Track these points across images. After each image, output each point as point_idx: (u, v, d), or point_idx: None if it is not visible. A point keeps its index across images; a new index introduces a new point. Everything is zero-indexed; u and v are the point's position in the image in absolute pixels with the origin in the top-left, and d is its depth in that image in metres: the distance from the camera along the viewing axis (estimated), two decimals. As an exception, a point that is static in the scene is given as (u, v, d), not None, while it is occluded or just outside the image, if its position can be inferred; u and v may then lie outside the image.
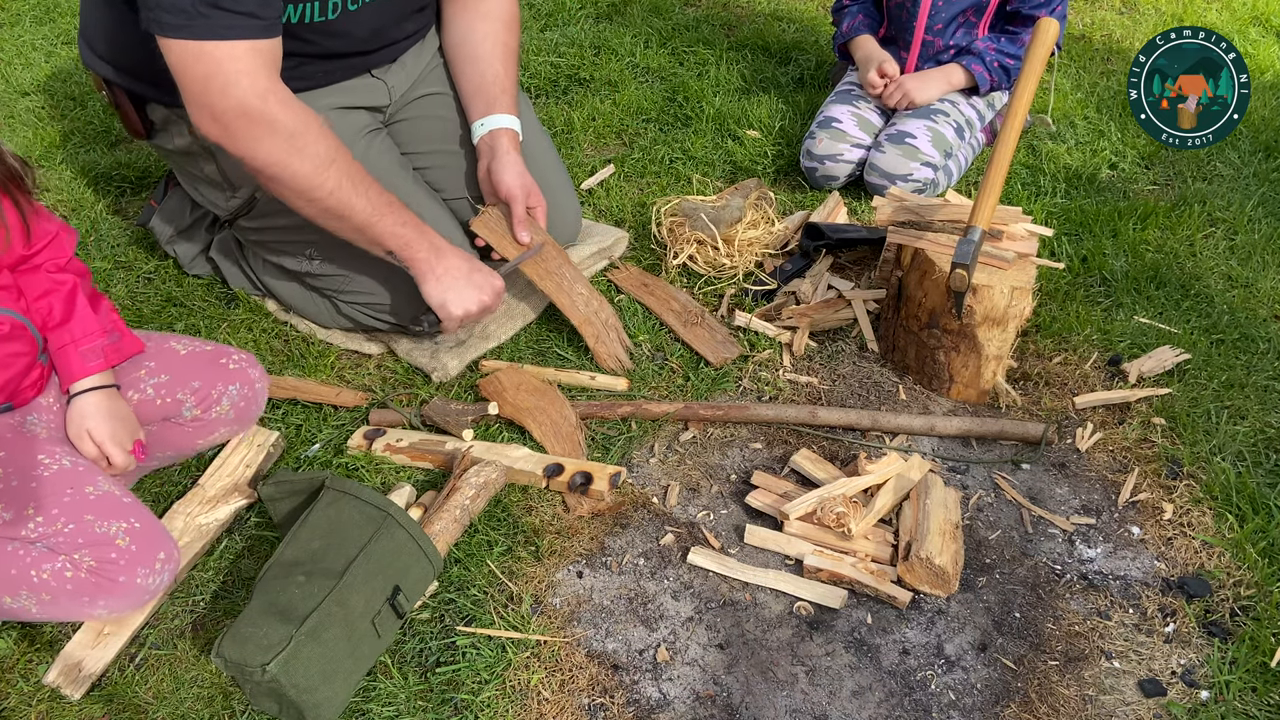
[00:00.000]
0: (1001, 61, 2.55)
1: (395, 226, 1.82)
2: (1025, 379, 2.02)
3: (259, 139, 1.68)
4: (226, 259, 2.25)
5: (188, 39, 1.61)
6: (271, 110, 1.66)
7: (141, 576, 1.49)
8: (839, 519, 1.66)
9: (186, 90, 1.66)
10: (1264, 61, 3.17)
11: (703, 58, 3.26)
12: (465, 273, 1.91)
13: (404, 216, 1.84)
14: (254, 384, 1.79)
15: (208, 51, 1.62)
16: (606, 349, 2.05)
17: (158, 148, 2.06)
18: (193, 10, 1.59)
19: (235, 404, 1.76)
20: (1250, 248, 2.34)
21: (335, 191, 1.75)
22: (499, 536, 1.71)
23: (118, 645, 1.55)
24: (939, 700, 1.48)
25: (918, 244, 1.92)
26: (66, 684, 1.50)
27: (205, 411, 1.74)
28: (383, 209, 1.80)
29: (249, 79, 1.64)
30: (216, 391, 1.74)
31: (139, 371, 1.70)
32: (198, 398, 1.73)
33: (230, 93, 1.64)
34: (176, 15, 1.60)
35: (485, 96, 2.09)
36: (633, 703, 1.48)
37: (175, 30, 1.61)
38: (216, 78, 1.63)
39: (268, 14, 1.66)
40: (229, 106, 1.64)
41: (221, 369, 1.75)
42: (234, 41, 1.62)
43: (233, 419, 1.78)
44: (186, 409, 1.73)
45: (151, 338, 1.76)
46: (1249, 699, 1.45)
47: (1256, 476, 1.77)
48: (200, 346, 1.77)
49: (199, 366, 1.74)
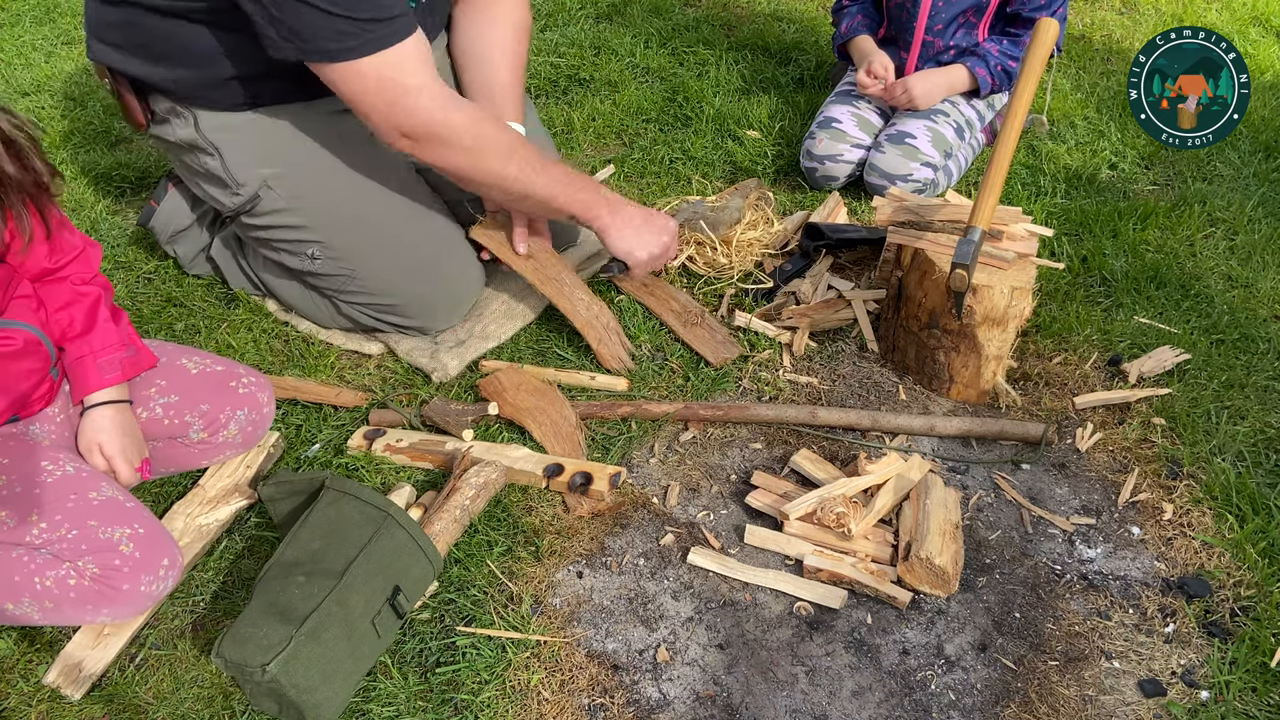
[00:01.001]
0: (1005, 64, 2.54)
1: (575, 193, 1.94)
2: (1025, 379, 2.02)
3: (451, 150, 1.78)
4: (226, 259, 2.25)
5: (361, 58, 1.64)
6: (454, 120, 1.75)
7: (145, 584, 1.48)
8: (839, 519, 1.66)
9: (370, 114, 1.72)
10: (1264, 61, 3.17)
11: (703, 58, 3.26)
12: (643, 220, 2.03)
13: (580, 183, 1.96)
14: (262, 408, 1.79)
15: (390, 65, 1.66)
16: (610, 351, 2.05)
17: (159, 140, 2.05)
18: (355, 30, 1.62)
19: (243, 428, 1.76)
20: (1250, 248, 2.34)
21: (519, 178, 1.86)
22: (499, 536, 1.71)
23: (118, 645, 1.55)
24: (939, 700, 1.48)
25: (918, 244, 1.92)
26: (67, 684, 1.50)
27: (213, 435, 1.74)
28: (561, 182, 1.92)
29: (429, 95, 1.72)
30: (225, 416, 1.73)
31: (149, 390, 1.70)
32: (205, 420, 1.72)
33: (416, 115, 1.72)
34: (342, 40, 1.62)
35: (492, 103, 2.09)
36: (633, 703, 1.48)
37: (347, 53, 1.63)
38: (401, 101, 1.70)
39: (405, 8, 1.69)
40: (417, 127, 1.73)
41: (231, 393, 1.75)
42: (401, 45, 1.66)
43: (239, 443, 1.79)
44: (194, 431, 1.72)
45: (165, 351, 1.75)
46: (1249, 699, 1.45)
47: (1256, 476, 1.77)
48: (211, 365, 1.76)
49: (209, 389, 1.74)
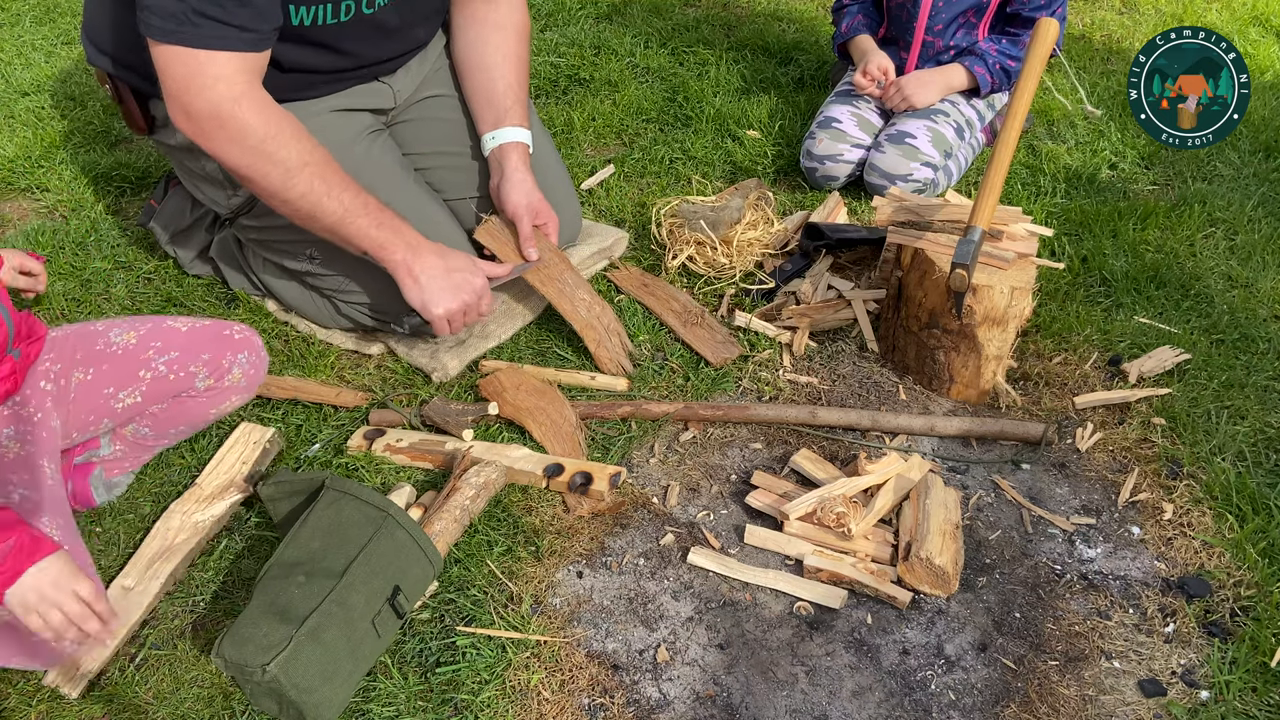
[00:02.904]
0: (1003, 63, 2.54)
1: (369, 229, 1.82)
2: (1025, 379, 2.02)
3: (229, 141, 1.70)
4: (226, 259, 2.25)
5: (175, 44, 1.63)
6: (243, 115, 1.69)
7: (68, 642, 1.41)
8: (839, 519, 1.66)
9: (166, 87, 1.69)
10: (1264, 61, 3.17)
11: (703, 58, 3.26)
12: (443, 271, 1.88)
13: (380, 218, 1.83)
14: (259, 350, 1.81)
15: (192, 55, 1.64)
16: (609, 354, 2.05)
17: (159, 144, 2.07)
18: (183, 17, 1.61)
19: (246, 371, 1.78)
20: (1250, 248, 2.34)
21: (306, 194, 1.76)
22: (499, 536, 1.71)
23: (112, 643, 1.55)
24: (939, 700, 1.48)
25: (918, 244, 1.92)
26: (64, 683, 1.50)
27: (219, 380, 1.75)
28: (357, 211, 1.80)
29: (225, 84, 1.67)
30: (227, 360, 1.75)
31: (146, 353, 1.71)
32: (210, 368, 1.74)
33: (205, 95, 1.67)
34: (167, 20, 1.62)
35: (496, 108, 2.09)
36: (633, 703, 1.48)
37: (164, 35, 1.63)
38: (195, 79, 1.66)
39: (261, 28, 1.68)
40: (201, 107, 1.68)
41: (228, 340, 1.77)
42: (219, 52, 1.65)
43: (243, 386, 1.80)
44: (200, 380, 1.74)
45: (147, 321, 1.77)
46: (1249, 699, 1.45)
47: (1256, 476, 1.77)
48: (198, 322, 1.78)
49: (204, 340, 1.75)
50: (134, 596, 1.61)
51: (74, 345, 1.70)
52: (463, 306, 1.90)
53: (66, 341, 1.70)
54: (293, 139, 1.74)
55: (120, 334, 1.72)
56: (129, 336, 1.72)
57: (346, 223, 1.80)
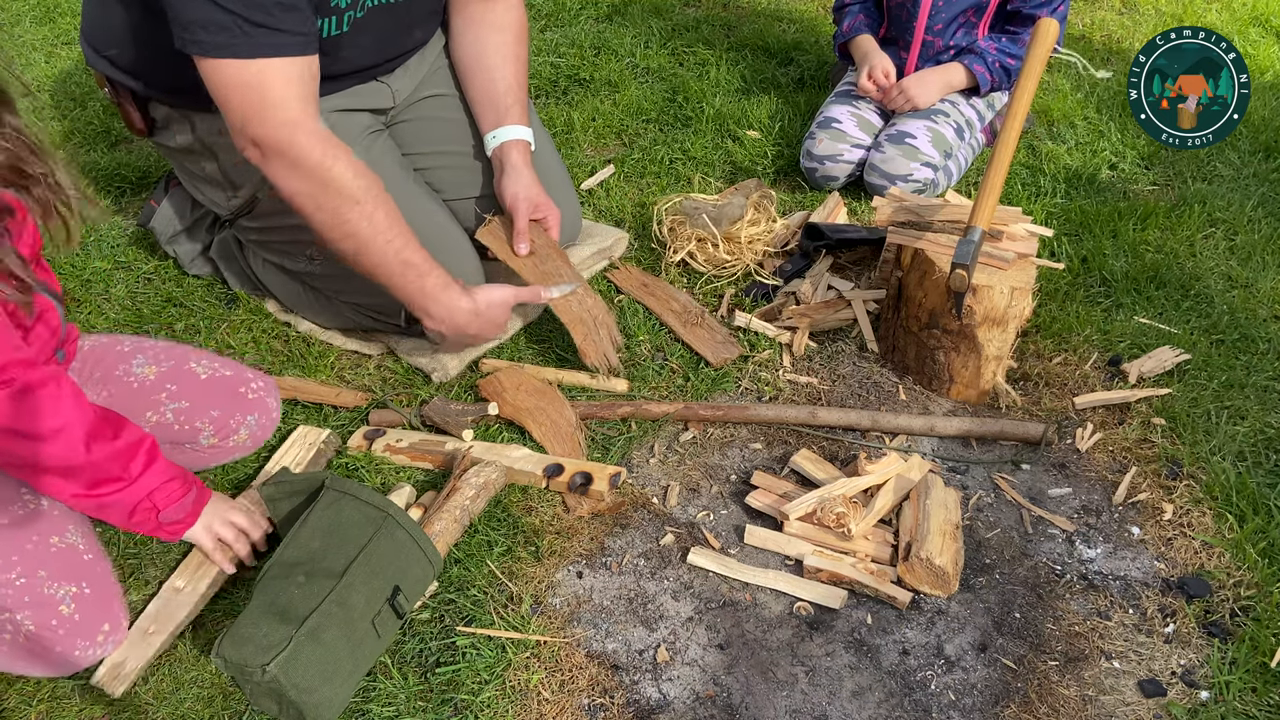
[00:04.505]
0: (1003, 62, 2.54)
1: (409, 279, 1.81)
2: (1025, 379, 2.02)
3: (290, 175, 1.68)
4: (226, 259, 2.25)
5: (231, 58, 1.58)
6: (301, 146, 1.65)
7: (80, 649, 1.47)
8: (839, 519, 1.66)
9: (229, 116, 1.65)
10: (1264, 61, 3.17)
11: (703, 58, 3.26)
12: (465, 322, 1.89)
13: (423, 270, 1.81)
14: (271, 413, 1.80)
15: (253, 73, 1.59)
16: (595, 347, 2.03)
17: (159, 145, 2.07)
18: (235, 28, 1.55)
19: (253, 433, 1.77)
20: (1250, 248, 2.34)
21: (355, 233, 1.75)
22: (499, 537, 1.71)
23: (159, 642, 1.55)
24: (939, 700, 1.48)
25: (918, 244, 1.92)
26: (109, 681, 1.50)
27: (223, 440, 1.75)
28: (400, 256, 1.79)
29: (291, 111, 1.63)
30: (235, 421, 1.74)
31: (159, 395, 1.70)
32: (216, 426, 1.73)
33: (269, 121, 1.63)
34: (218, 34, 1.56)
35: (497, 108, 2.10)
36: (633, 703, 1.48)
37: (218, 50, 1.57)
38: (262, 107, 1.62)
39: (308, 29, 1.65)
40: (266, 135, 1.64)
41: (240, 399, 1.75)
42: (277, 60, 1.60)
43: (248, 446, 1.80)
44: (204, 437, 1.73)
45: (174, 354, 1.75)
46: (1249, 699, 1.45)
47: (1256, 477, 1.77)
48: (220, 370, 1.76)
49: (219, 394, 1.74)
50: (183, 596, 1.61)
51: (96, 361, 1.69)
52: (476, 340, 1.99)
53: (92, 355, 1.70)
54: (350, 169, 1.72)
55: (142, 365, 1.71)
56: (149, 370, 1.71)
57: (390, 265, 1.79)
